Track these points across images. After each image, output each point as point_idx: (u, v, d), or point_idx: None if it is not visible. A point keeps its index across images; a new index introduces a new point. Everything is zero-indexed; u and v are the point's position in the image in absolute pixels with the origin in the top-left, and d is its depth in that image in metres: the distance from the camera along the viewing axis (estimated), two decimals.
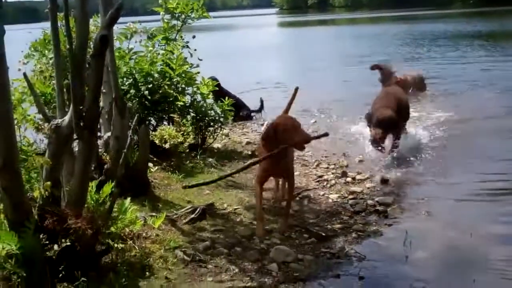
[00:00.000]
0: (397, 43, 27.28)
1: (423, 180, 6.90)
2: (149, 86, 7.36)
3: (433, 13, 58.35)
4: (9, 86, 3.79)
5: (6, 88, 3.70)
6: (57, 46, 4.51)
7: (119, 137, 5.60)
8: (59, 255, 3.85)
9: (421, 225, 5.51)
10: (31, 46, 6.97)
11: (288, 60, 23.24)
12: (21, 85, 6.01)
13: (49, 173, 4.06)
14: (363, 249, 5.00)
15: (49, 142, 4.13)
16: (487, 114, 10.33)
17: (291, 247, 4.94)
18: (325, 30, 48.81)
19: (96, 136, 4.80)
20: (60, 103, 4.45)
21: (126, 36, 7.41)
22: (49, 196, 4.01)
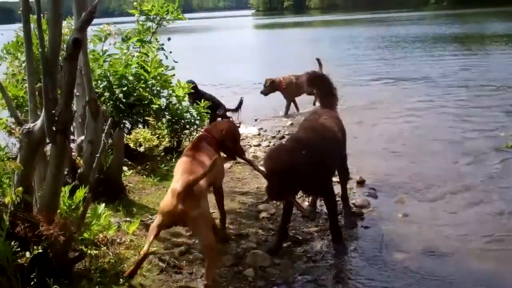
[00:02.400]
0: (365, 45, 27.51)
1: (400, 181, 6.92)
2: (124, 89, 7.28)
3: (408, 15, 58.89)
4: None
5: None
6: (29, 49, 4.42)
7: (92, 141, 5.52)
8: (31, 262, 3.77)
9: (397, 228, 5.53)
10: (3, 49, 6.85)
11: (264, 62, 23.22)
12: None
13: (21, 178, 3.97)
14: (340, 252, 4.99)
15: (20, 146, 4.04)
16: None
17: (268, 251, 4.91)
18: (301, 32, 48.93)
19: (69, 140, 4.73)
20: (32, 106, 4.36)
21: (100, 38, 7.30)
22: (20, 202, 3.93)
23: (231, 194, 6.32)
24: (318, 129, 5.25)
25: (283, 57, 18.89)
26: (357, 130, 9.72)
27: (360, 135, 9.32)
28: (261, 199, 6.18)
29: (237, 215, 5.70)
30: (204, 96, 9.29)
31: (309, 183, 4.79)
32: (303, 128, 5.35)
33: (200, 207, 4.04)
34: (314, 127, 5.31)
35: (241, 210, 5.87)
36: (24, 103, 6.32)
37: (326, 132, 5.24)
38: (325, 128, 5.30)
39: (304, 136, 5.02)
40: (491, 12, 52.64)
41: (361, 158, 7.76)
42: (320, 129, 5.25)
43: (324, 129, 5.27)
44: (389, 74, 16.62)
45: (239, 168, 7.58)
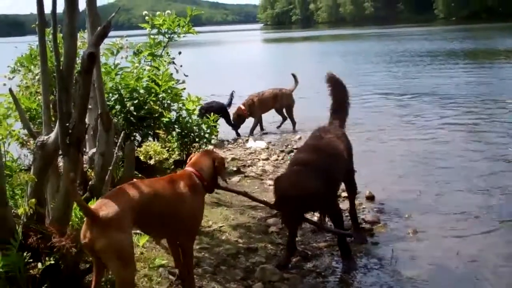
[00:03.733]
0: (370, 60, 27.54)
1: (409, 197, 6.91)
2: (135, 102, 7.33)
3: (417, 30, 58.88)
4: None
5: None
6: (44, 62, 4.48)
7: (104, 154, 5.54)
8: (42, 273, 3.80)
9: (407, 244, 5.52)
10: (17, 61, 6.92)
11: (273, 75, 23.29)
12: (6, 101, 5.96)
13: (34, 190, 4.01)
14: (350, 267, 4.99)
15: (34, 158, 4.08)
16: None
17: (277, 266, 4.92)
18: (309, 46, 49.05)
19: (82, 153, 4.76)
20: (46, 119, 4.41)
21: (112, 52, 7.37)
22: (33, 214, 3.96)
23: (241, 207, 6.35)
24: (322, 148, 5.26)
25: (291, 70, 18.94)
26: (367, 145, 9.76)
27: (369, 150, 9.36)
28: (270, 213, 6.19)
29: (246, 229, 5.72)
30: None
31: (318, 204, 4.88)
32: (307, 147, 5.39)
33: (108, 237, 3.33)
34: (318, 145, 5.32)
35: (250, 224, 5.88)
36: (37, 116, 6.37)
37: (330, 151, 5.24)
38: (330, 147, 5.31)
39: (310, 158, 5.00)
40: (501, 27, 52.62)
41: (370, 174, 7.78)
42: (325, 148, 5.27)
43: (328, 148, 5.28)
44: (399, 89, 16.64)
45: (248, 182, 7.62)
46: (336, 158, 5.22)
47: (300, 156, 5.17)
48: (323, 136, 5.50)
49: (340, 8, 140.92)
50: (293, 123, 11.89)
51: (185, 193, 3.90)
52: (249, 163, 8.83)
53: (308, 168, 4.78)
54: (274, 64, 28.95)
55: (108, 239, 3.33)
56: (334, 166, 5.09)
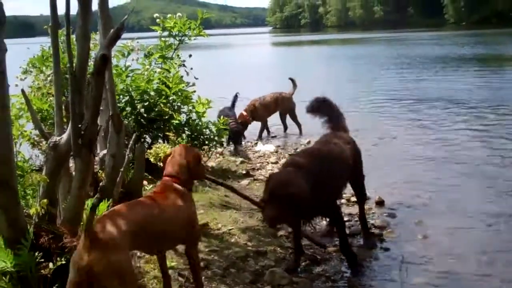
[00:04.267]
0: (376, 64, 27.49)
1: (419, 203, 6.88)
2: (145, 104, 7.39)
3: (427, 35, 58.69)
4: (9, 106, 3.79)
5: (6, 108, 3.71)
6: (57, 63, 4.51)
7: (115, 155, 5.56)
8: (53, 273, 3.82)
9: (417, 250, 5.49)
10: (29, 62, 6.97)
11: (280, 79, 23.32)
12: (19, 101, 6.01)
13: (46, 190, 4.03)
14: (359, 273, 4.98)
15: (46, 159, 4.11)
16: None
17: (286, 270, 4.92)
18: (319, 50, 49.04)
19: (94, 154, 4.78)
20: (58, 120, 4.43)
21: (123, 54, 7.42)
22: (45, 214, 3.98)
23: (250, 211, 6.35)
24: (322, 152, 5.25)
25: (300, 74, 18.92)
26: (376, 149, 9.75)
27: (379, 154, 9.34)
28: None
29: (255, 232, 5.71)
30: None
31: (306, 207, 4.64)
32: (307, 151, 5.61)
33: (109, 259, 3.13)
34: (319, 150, 5.35)
35: (259, 227, 5.87)
36: (48, 117, 6.41)
37: (330, 156, 5.19)
38: (331, 152, 5.28)
39: (305, 161, 4.92)
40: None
41: (380, 178, 7.77)
42: (325, 153, 5.24)
43: (329, 153, 5.25)
44: (410, 94, 16.55)
45: (257, 185, 7.62)
46: (336, 164, 5.17)
47: (296, 159, 5.11)
48: (328, 141, 5.51)
49: (350, 12, 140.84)
50: (299, 126, 11.85)
51: (178, 205, 3.82)
52: (258, 166, 8.84)
53: (300, 171, 4.72)
54: (282, 67, 28.90)
55: (109, 261, 3.14)
56: (331, 172, 5.01)
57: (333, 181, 5.08)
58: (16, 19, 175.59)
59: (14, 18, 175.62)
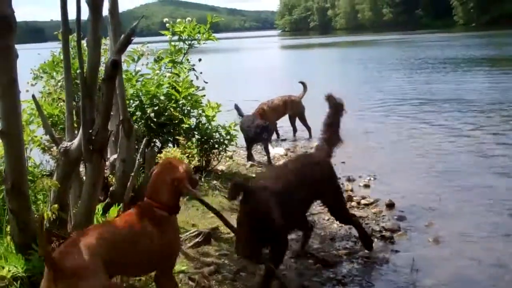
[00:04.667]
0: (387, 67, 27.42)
1: (430, 205, 6.83)
2: (155, 108, 7.42)
3: (437, 37, 58.44)
4: (21, 111, 3.82)
5: (18, 113, 3.74)
6: (68, 69, 4.54)
7: (125, 160, 5.60)
8: None
9: (428, 253, 5.47)
10: (40, 68, 7.02)
11: (289, 82, 23.37)
12: (29, 107, 6.05)
13: (57, 195, 4.06)
14: (370, 276, 4.98)
15: (57, 165, 4.14)
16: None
17: (296, 274, 4.92)
18: (327, 53, 48.99)
19: (105, 159, 4.79)
20: (69, 125, 4.46)
21: (133, 59, 7.46)
22: (56, 219, 4.02)
23: None
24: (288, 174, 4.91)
25: (309, 77, 18.93)
26: (386, 152, 9.74)
27: (389, 157, 9.34)
28: None
29: None
30: None
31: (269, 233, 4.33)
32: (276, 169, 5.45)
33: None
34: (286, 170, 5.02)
35: None
36: (59, 122, 6.46)
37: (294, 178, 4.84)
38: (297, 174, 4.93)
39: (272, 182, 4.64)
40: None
41: (390, 181, 7.79)
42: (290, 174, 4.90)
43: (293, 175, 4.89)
44: (420, 96, 16.47)
45: None
46: (297, 187, 4.79)
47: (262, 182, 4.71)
48: (297, 162, 5.38)
49: (359, 14, 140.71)
50: (308, 129, 11.83)
51: (150, 231, 3.42)
52: None
53: (267, 192, 4.42)
54: (292, 70, 28.96)
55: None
56: (292, 194, 4.68)
57: (291, 204, 4.65)
58: (26, 24, 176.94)
59: (25, 24, 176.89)
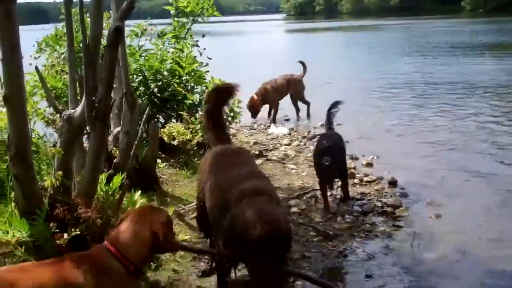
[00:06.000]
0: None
1: (433, 183, 6.85)
2: (159, 83, 7.43)
3: (443, 22, 57.90)
4: (24, 77, 3.83)
5: (21, 79, 3.76)
6: (71, 39, 4.56)
7: (129, 132, 5.63)
8: (69, 244, 3.87)
9: (430, 228, 5.48)
10: (42, 41, 7.02)
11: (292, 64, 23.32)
12: (33, 79, 6.06)
13: (61, 163, 4.08)
14: (371, 248, 5.00)
15: (61, 132, 4.15)
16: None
17: (298, 245, 4.95)
18: (332, 37, 48.67)
19: (108, 127, 4.82)
20: (72, 95, 4.49)
21: (136, 34, 7.45)
22: (60, 186, 4.04)
23: None
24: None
25: (314, 60, 18.84)
26: (390, 133, 9.74)
27: (392, 138, 9.35)
28: (292, 195, 6.22)
29: None
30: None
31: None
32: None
33: None
34: None
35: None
36: (62, 94, 6.46)
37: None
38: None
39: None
40: None
41: (392, 160, 7.81)
42: None
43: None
44: (426, 79, 16.37)
45: (270, 165, 7.64)
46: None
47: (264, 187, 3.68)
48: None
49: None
50: (308, 105, 11.98)
51: (81, 284, 2.63)
52: (271, 148, 8.83)
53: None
54: (296, 53, 28.82)
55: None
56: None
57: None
58: (29, 5, 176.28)
59: (28, 4, 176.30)
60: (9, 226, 3.87)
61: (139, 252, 2.80)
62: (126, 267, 2.74)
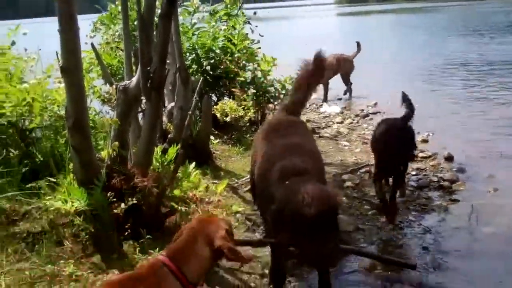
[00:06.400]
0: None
1: (491, 159, 6.66)
2: (211, 61, 7.45)
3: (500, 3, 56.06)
4: (80, 49, 3.89)
5: (78, 49, 3.82)
6: (126, 14, 4.61)
7: (182, 107, 5.67)
8: (125, 213, 3.95)
9: (488, 202, 5.33)
10: (98, 20, 7.16)
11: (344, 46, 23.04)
12: (88, 56, 6.18)
13: (117, 133, 4.16)
14: (427, 222, 4.91)
15: (117, 103, 4.22)
16: None
17: (352, 217, 4.92)
18: (386, 19, 47.74)
19: (163, 98, 4.86)
20: (128, 68, 4.55)
21: (189, 12, 7.49)
22: (116, 156, 4.12)
23: None
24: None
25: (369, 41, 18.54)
26: (447, 107, 9.54)
27: (449, 112, 9.16)
28: (346, 170, 6.17)
29: None
30: None
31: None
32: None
33: None
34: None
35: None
36: (117, 72, 6.58)
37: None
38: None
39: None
40: None
41: (448, 137, 7.64)
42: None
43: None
44: (482, 59, 15.87)
45: (323, 142, 7.59)
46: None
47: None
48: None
49: None
50: (349, 85, 11.77)
51: None
52: (324, 126, 8.78)
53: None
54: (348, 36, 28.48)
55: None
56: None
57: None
58: None
59: None
60: (68, 195, 3.97)
61: (197, 270, 2.48)
62: (183, 284, 2.42)
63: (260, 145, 3.93)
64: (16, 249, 3.87)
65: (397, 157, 4.92)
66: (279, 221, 3.16)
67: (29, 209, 4.29)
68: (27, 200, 4.40)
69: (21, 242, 3.97)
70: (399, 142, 4.86)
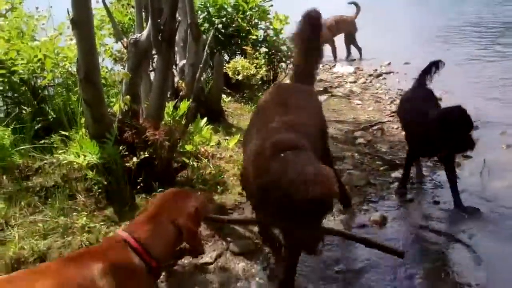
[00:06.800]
0: None
1: (503, 116, 6.59)
2: (223, 19, 7.39)
3: None
4: (91, 4, 3.86)
5: (89, 4, 3.79)
6: None
7: (194, 64, 5.65)
8: (137, 166, 3.97)
9: (500, 157, 5.33)
10: None
11: None
12: (99, 13, 6.15)
13: (129, 87, 4.16)
14: (438, 177, 4.91)
15: (128, 56, 4.22)
16: None
17: (363, 172, 4.93)
18: None
19: (174, 51, 4.83)
20: (138, 21, 4.53)
21: None
22: (128, 110, 4.13)
23: (327, 121, 6.32)
24: None
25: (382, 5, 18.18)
26: (461, 66, 9.42)
27: (462, 71, 9.05)
28: (358, 127, 6.15)
29: (333, 140, 5.69)
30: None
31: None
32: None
33: None
34: None
35: (337, 135, 5.87)
36: (128, 29, 6.54)
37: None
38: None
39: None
40: None
41: (464, 93, 7.56)
42: None
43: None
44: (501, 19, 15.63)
45: (335, 100, 7.56)
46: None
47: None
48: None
49: None
50: (352, 50, 11.65)
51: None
52: (336, 85, 8.74)
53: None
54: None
55: None
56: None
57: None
58: None
59: None
60: (80, 149, 3.99)
61: (163, 248, 2.31)
62: (148, 264, 2.25)
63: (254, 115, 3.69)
64: (29, 202, 3.94)
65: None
66: (264, 199, 2.84)
67: (42, 164, 4.35)
68: (40, 156, 4.45)
69: (34, 196, 4.04)
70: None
